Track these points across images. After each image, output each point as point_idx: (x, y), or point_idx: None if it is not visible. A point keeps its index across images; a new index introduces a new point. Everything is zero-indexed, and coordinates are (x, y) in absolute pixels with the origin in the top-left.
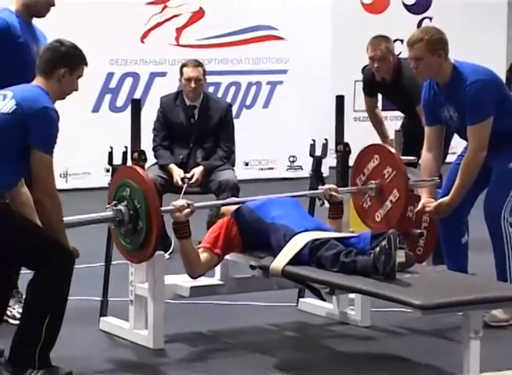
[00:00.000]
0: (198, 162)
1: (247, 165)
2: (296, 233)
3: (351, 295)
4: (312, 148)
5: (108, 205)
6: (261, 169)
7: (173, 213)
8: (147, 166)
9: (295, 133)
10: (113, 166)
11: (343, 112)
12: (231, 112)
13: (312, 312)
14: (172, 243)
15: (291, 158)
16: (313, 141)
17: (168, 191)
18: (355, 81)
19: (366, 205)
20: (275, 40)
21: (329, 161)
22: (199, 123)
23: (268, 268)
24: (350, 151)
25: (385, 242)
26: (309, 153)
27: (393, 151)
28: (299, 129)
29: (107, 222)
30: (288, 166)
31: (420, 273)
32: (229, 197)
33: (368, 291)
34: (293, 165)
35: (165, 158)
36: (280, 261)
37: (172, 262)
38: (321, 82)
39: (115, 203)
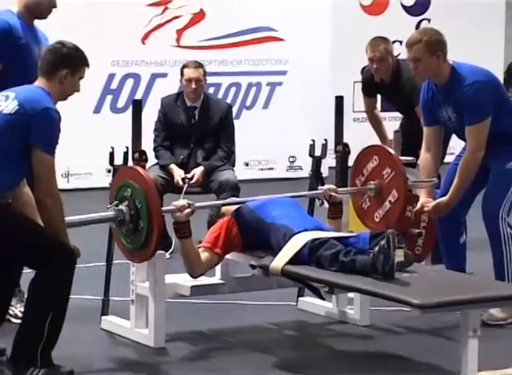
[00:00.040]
0: (199, 163)
1: (247, 165)
2: (295, 232)
3: (350, 294)
4: (312, 148)
5: (109, 205)
6: (261, 169)
7: (174, 213)
8: (148, 166)
9: (295, 133)
10: (114, 167)
11: (342, 113)
12: (231, 113)
13: (312, 311)
14: (172, 243)
15: (291, 159)
16: (312, 141)
17: (168, 191)
18: (354, 82)
19: (365, 206)
20: (275, 41)
21: (329, 161)
22: (199, 124)
23: (268, 267)
24: (349, 152)
25: (384, 242)
26: (308, 153)
27: (393, 152)
28: (298, 129)
29: (108, 221)
30: (288, 166)
31: (418, 272)
32: (230, 197)
33: (367, 290)
34: (292, 165)
35: (165, 158)
36: (280, 260)
37: (173, 262)
38: (321, 83)
39: (117, 203)
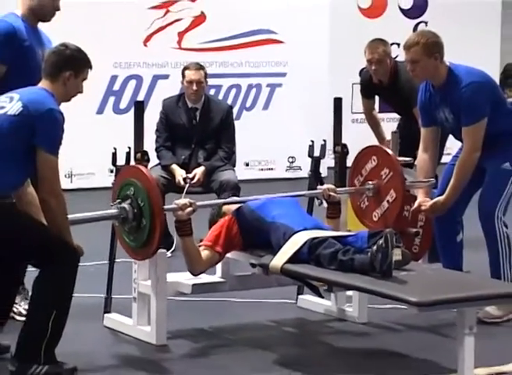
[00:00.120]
0: (200, 163)
1: (248, 165)
2: (295, 231)
3: (349, 292)
4: (311, 148)
5: (112, 203)
6: (261, 169)
7: (176, 211)
8: (150, 166)
9: (294, 134)
10: (117, 167)
11: (340, 114)
12: (232, 114)
13: (311, 309)
14: (174, 241)
15: (290, 159)
16: (311, 142)
17: (170, 191)
18: (353, 84)
19: (363, 205)
20: (275, 43)
21: (327, 161)
22: (200, 125)
23: (268, 266)
24: (347, 152)
25: (382, 241)
26: (308, 154)
27: (391, 153)
28: (298, 130)
29: (111, 219)
30: (287, 166)
31: (416, 270)
32: (230, 196)
33: (366, 289)
34: (292, 165)
35: (167, 158)
36: (280, 259)
37: (175, 260)
38: (320, 85)
39: (120, 201)
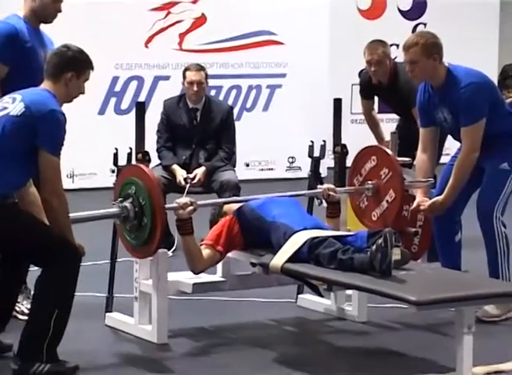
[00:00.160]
0: (200, 163)
1: (248, 165)
2: (295, 231)
3: (348, 292)
4: (311, 149)
5: (114, 202)
6: (261, 169)
7: (177, 210)
8: (151, 166)
9: (294, 134)
10: (118, 167)
11: (340, 115)
12: (232, 115)
13: (311, 308)
14: (175, 241)
15: (290, 159)
16: (311, 142)
17: (171, 191)
18: (352, 85)
19: (363, 205)
20: (275, 45)
21: (327, 162)
22: (201, 125)
23: (268, 265)
24: (347, 153)
25: (381, 240)
26: (308, 154)
27: (390, 153)
28: (298, 131)
29: (113, 218)
30: (287, 166)
31: (415, 270)
32: (231, 197)
33: (365, 288)
34: (292, 165)
35: (168, 159)
36: (280, 258)
37: (176, 260)
38: (319, 86)
39: (121, 200)
